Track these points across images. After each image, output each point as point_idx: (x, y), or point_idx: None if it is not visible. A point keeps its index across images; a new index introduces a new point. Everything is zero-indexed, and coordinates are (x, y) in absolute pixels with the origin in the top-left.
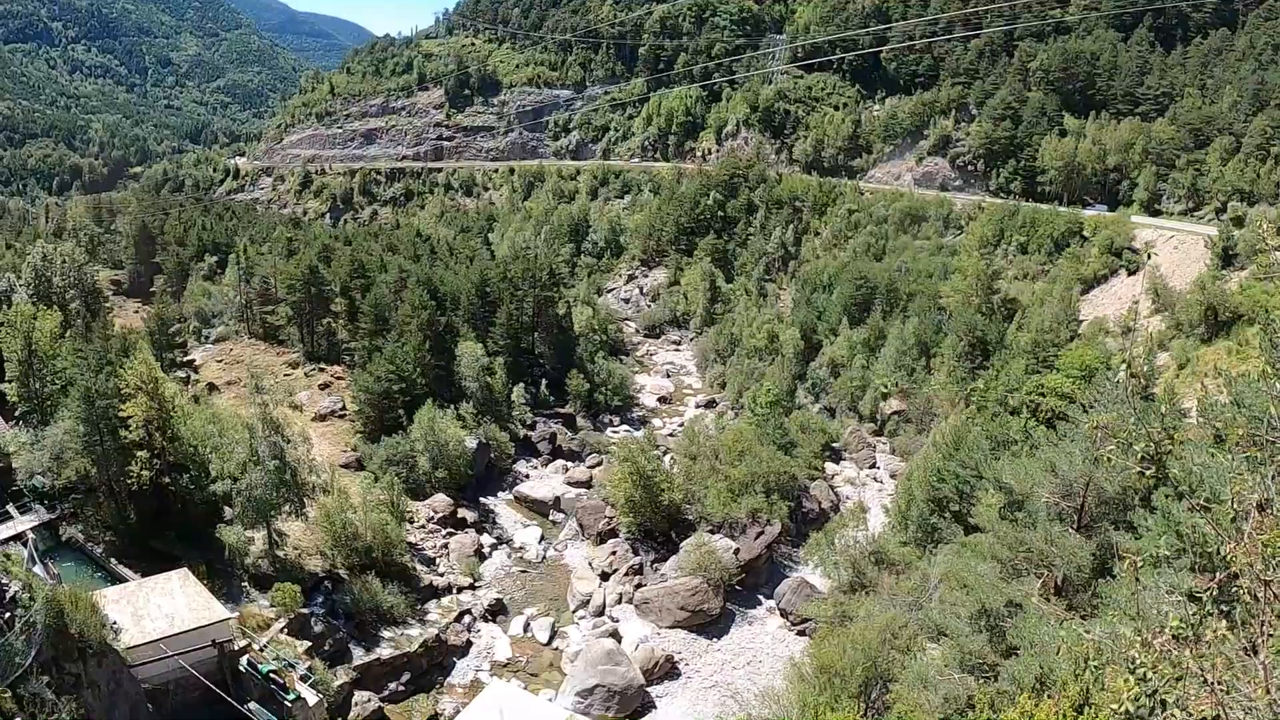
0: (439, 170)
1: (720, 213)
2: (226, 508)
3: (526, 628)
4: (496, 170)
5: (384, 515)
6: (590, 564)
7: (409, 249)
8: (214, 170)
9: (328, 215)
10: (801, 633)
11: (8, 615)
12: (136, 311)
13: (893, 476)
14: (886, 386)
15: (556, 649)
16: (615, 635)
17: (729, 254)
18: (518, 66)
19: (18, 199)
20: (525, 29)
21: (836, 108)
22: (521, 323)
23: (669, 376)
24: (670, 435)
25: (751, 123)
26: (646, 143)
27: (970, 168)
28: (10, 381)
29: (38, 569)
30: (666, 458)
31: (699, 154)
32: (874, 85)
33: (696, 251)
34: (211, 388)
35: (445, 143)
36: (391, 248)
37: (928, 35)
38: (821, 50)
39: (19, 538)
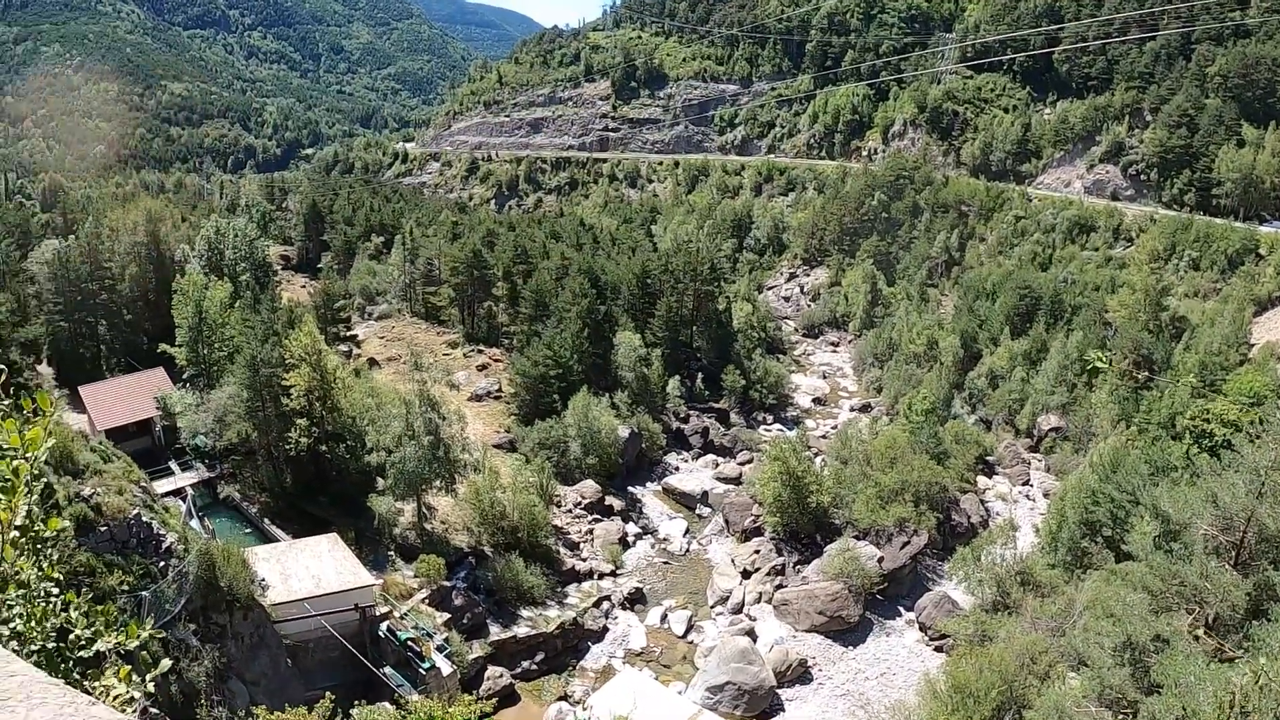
0: (604, 161)
1: (884, 214)
2: (379, 479)
3: (663, 619)
4: (661, 163)
5: (532, 497)
6: (733, 561)
7: (572, 237)
8: (383, 154)
9: (493, 201)
10: (939, 649)
11: (162, 564)
12: (304, 286)
13: (1045, 495)
14: (1045, 401)
15: (691, 643)
16: (751, 634)
17: (891, 256)
18: (684, 60)
19: (194, 176)
20: (692, 23)
21: (1006, 110)
22: (681, 316)
23: (825, 378)
24: (823, 437)
25: (919, 123)
26: (812, 140)
27: (1143, 177)
28: (180, 346)
29: (194, 523)
30: (817, 460)
31: (864, 153)
32: (1045, 87)
33: (859, 253)
34: (372, 363)
35: (611, 134)
36: (555, 235)
37: (1101, 36)
38: (991, 50)
39: (179, 493)
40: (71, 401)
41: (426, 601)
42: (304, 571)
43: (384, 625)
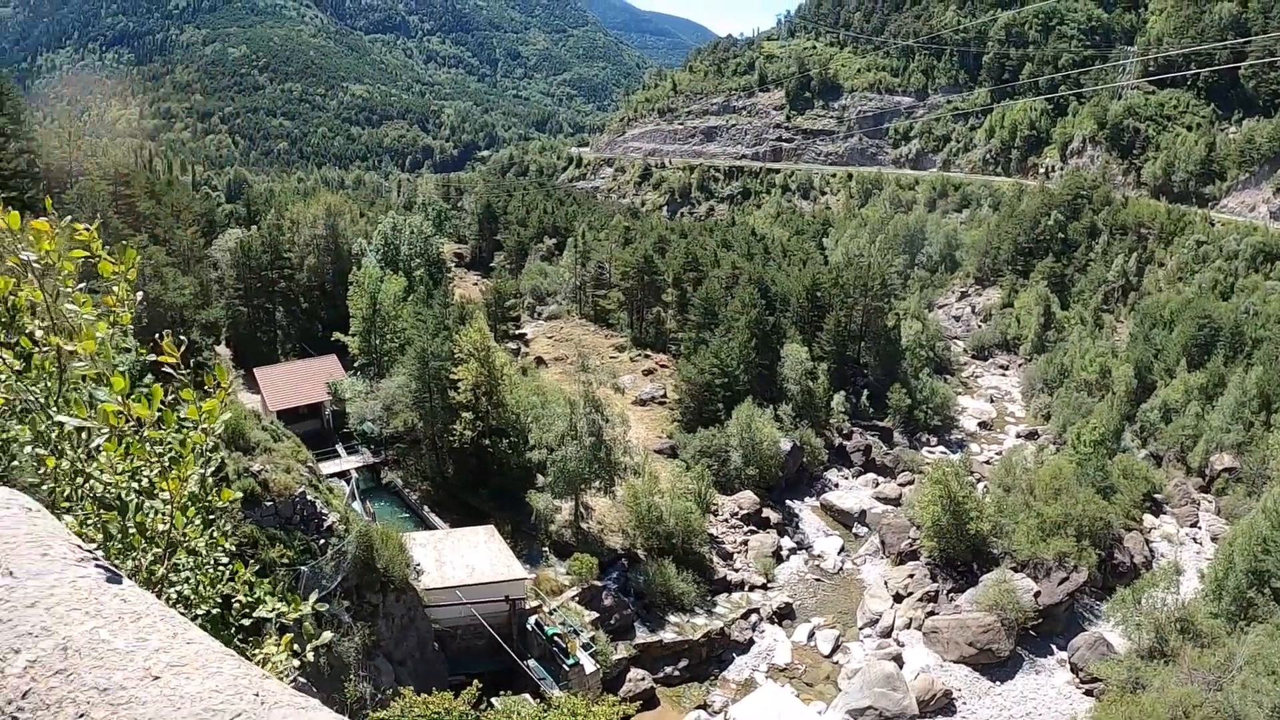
0: (777, 171)
1: (1060, 234)
2: (540, 475)
3: (810, 636)
4: (834, 175)
5: (689, 504)
6: (885, 583)
7: (743, 247)
8: (557, 158)
9: (665, 208)
10: (1089, 692)
11: (322, 542)
12: (476, 284)
13: (1214, 539)
14: (1219, 439)
15: (836, 663)
16: (897, 660)
17: (1066, 279)
18: (859, 71)
19: (373, 174)
20: (867, 33)
21: (1189, 128)
22: (849, 330)
23: (992, 401)
24: (986, 463)
25: (1098, 140)
26: (988, 156)
27: None
28: (353, 335)
29: (356, 505)
30: (979, 486)
31: (1041, 170)
32: (1230, 104)
33: (1033, 274)
34: (540, 362)
35: (784, 144)
36: (726, 244)
37: None
38: (1175, 64)
39: (344, 475)
40: (246, 383)
41: (576, 599)
42: (459, 560)
43: (533, 619)
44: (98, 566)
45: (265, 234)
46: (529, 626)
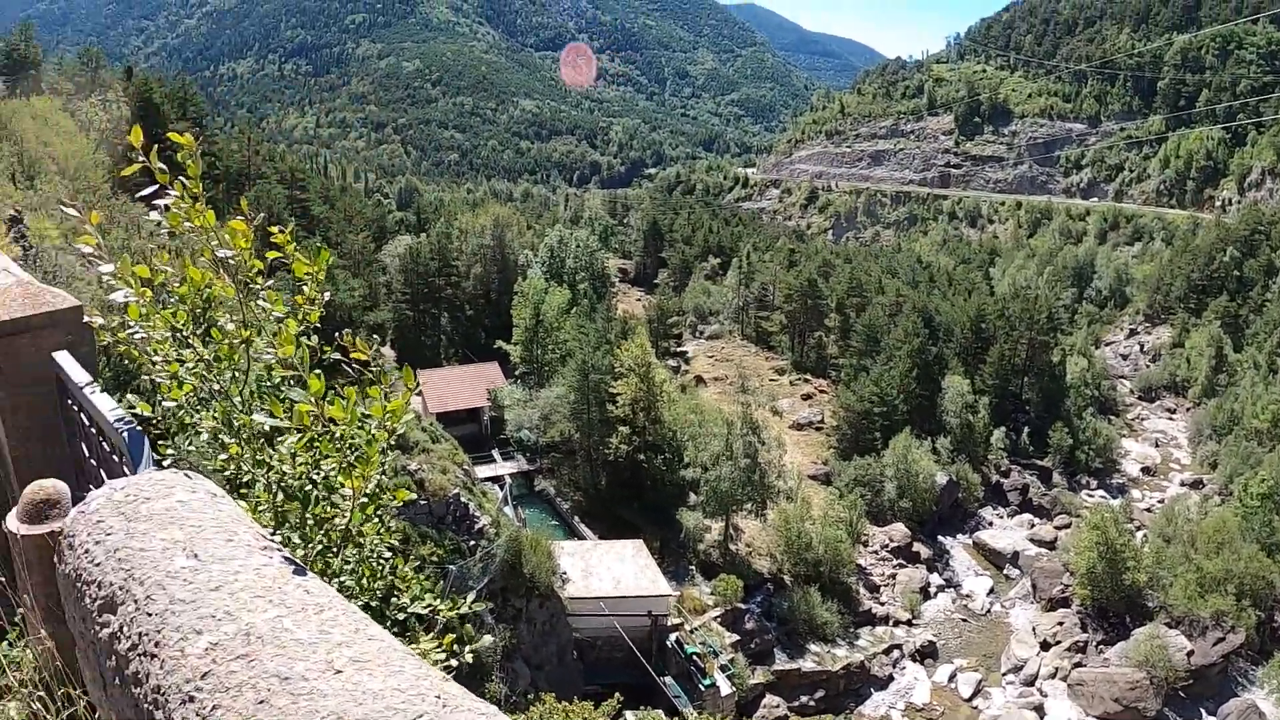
0: (944, 197)
1: (1236, 272)
2: (692, 494)
3: (952, 678)
4: (1003, 203)
5: (840, 533)
6: (1033, 629)
7: (908, 274)
8: (724, 178)
9: (830, 232)
10: None
11: (472, 544)
12: (639, 300)
13: None
14: None
15: (975, 708)
16: (1039, 710)
17: (1241, 319)
18: (1029, 96)
19: (541, 187)
20: (1038, 57)
21: None
22: (1013, 365)
23: (1157, 446)
24: (1147, 510)
25: (1278, 172)
26: (1162, 186)
27: None
28: (516, 344)
29: (508, 510)
30: (1139, 534)
31: (1218, 203)
32: None
33: (1205, 313)
34: (699, 380)
35: (952, 170)
36: (891, 271)
37: None
38: None
39: (498, 480)
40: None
41: (718, 620)
42: (605, 572)
43: (673, 636)
44: (281, 556)
45: (434, 242)
46: (669, 644)
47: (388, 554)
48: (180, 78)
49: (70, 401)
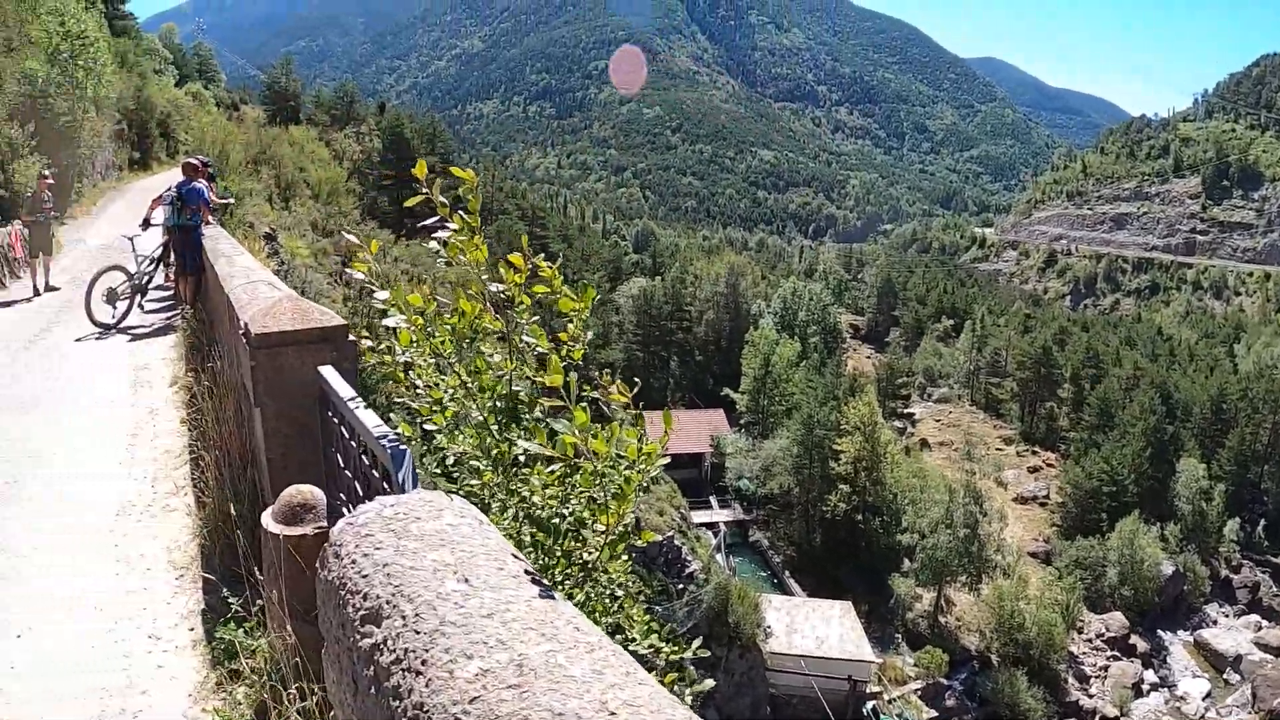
0: (1188, 266)
1: None
2: (906, 559)
3: None
4: (1250, 274)
5: (1054, 616)
6: None
7: (1147, 346)
8: (960, 237)
9: (1068, 298)
10: None
11: (681, 587)
12: (868, 357)
13: None
14: None
15: None
16: None
17: None
18: None
19: (776, 238)
20: None
21: None
22: (1254, 450)
23: None
24: None
25: None
26: None
27: None
28: (743, 393)
29: (719, 557)
30: None
31: None
32: None
33: None
34: (924, 444)
35: (1198, 236)
36: (1129, 342)
37: None
38: None
39: (713, 526)
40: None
41: (919, 693)
42: (810, 630)
43: (870, 704)
44: (550, 591)
45: (668, 285)
46: (865, 711)
47: (619, 592)
48: (429, 115)
49: (330, 414)
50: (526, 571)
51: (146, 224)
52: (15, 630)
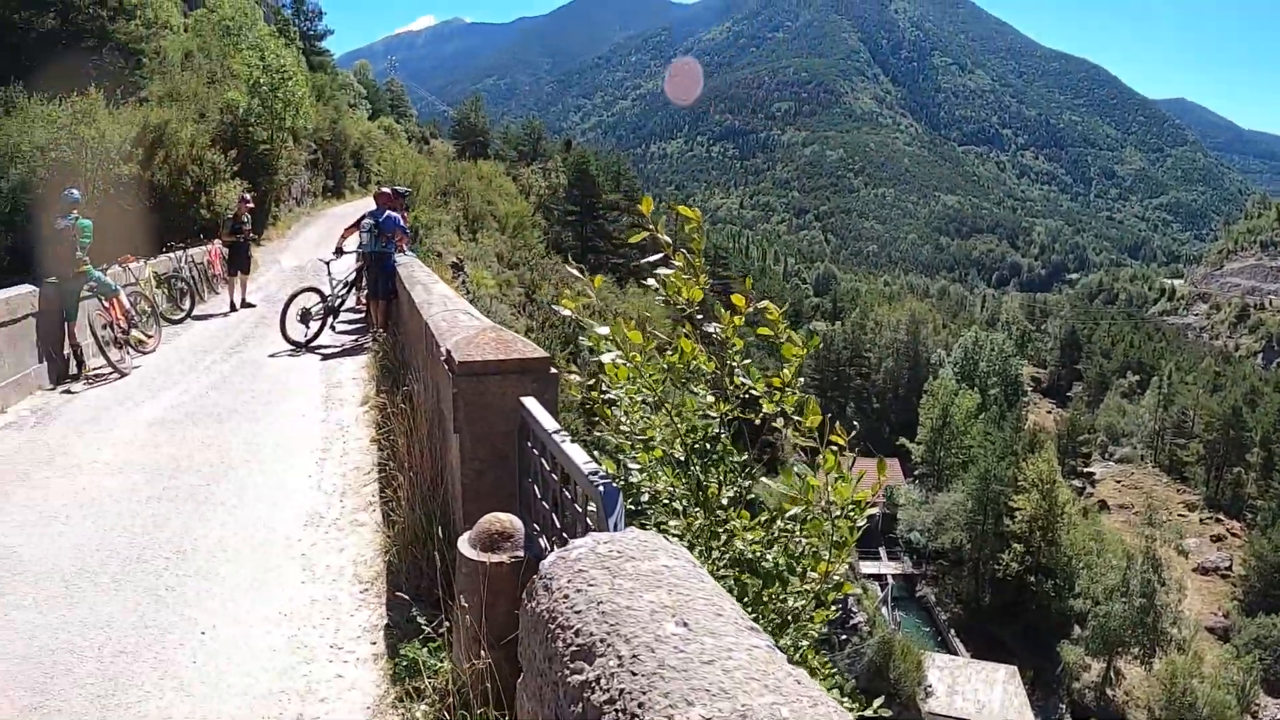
0: None
1: None
2: (1077, 626)
3: None
4: None
5: (1229, 698)
6: None
7: None
8: (1148, 288)
9: (1260, 355)
10: None
11: (844, 638)
12: (1049, 412)
13: None
14: None
15: None
16: None
17: None
18: None
19: (958, 285)
20: None
21: None
22: None
23: None
24: None
25: None
26: None
27: None
28: (919, 444)
29: (885, 610)
30: None
31: None
32: None
33: None
34: (1103, 505)
35: None
36: None
37: None
38: None
39: (880, 578)
40: None
41: None
42: (972, 693)
43: None
44: (766, 639)
45: (848, 331)
46: None
47: (803, 641)
48: (614, 153)
49: (529, 444)
50: (743, 619)
51: (339, 252)
52: (200, 628)
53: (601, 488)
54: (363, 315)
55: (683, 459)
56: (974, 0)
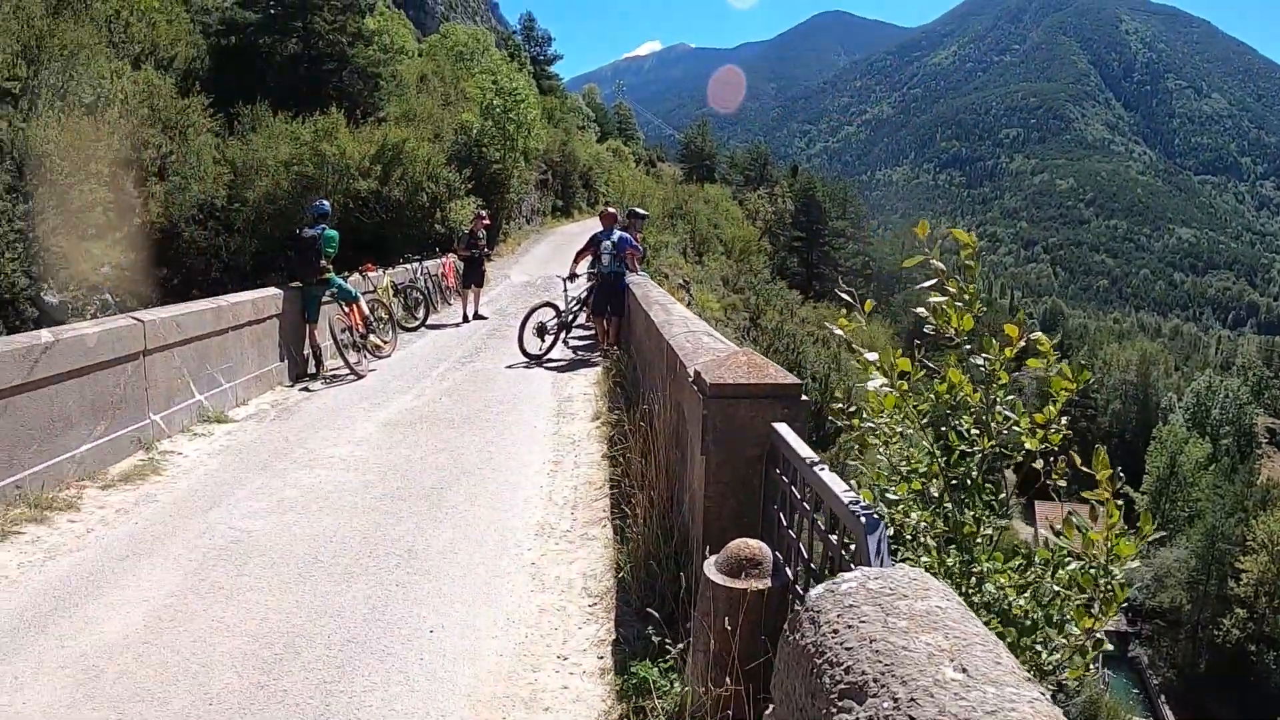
0: None
1: None
2: None
3: None
4: None
5: None
6: None
7: None
8: None
9: None
10: None
11: (1053, 691)
12: None
13: None
14: None
15: None
16: None
17: None
18: None
19: (1191, 325)
20: None
21: None
22: None
23: None
24: None
25: None
26: None
27: None
28: (1144, 494)
29: (1094, 667)
30: None
31: None
32: None
33: None
34: None
35: None
36: None
37: None
38: None
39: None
40: (1025, 515)
41: None
42: None
43: None
44: (1044, 692)
45: (1074, 371)
46: None
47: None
48: (839, 179)
49: (778, 470)
50: (1019, 668)
51: (573, 277)
52: (429, 626)
53: (865, 520)
54: (592, 332)
55: (938, 494)
56: (1210, 20)
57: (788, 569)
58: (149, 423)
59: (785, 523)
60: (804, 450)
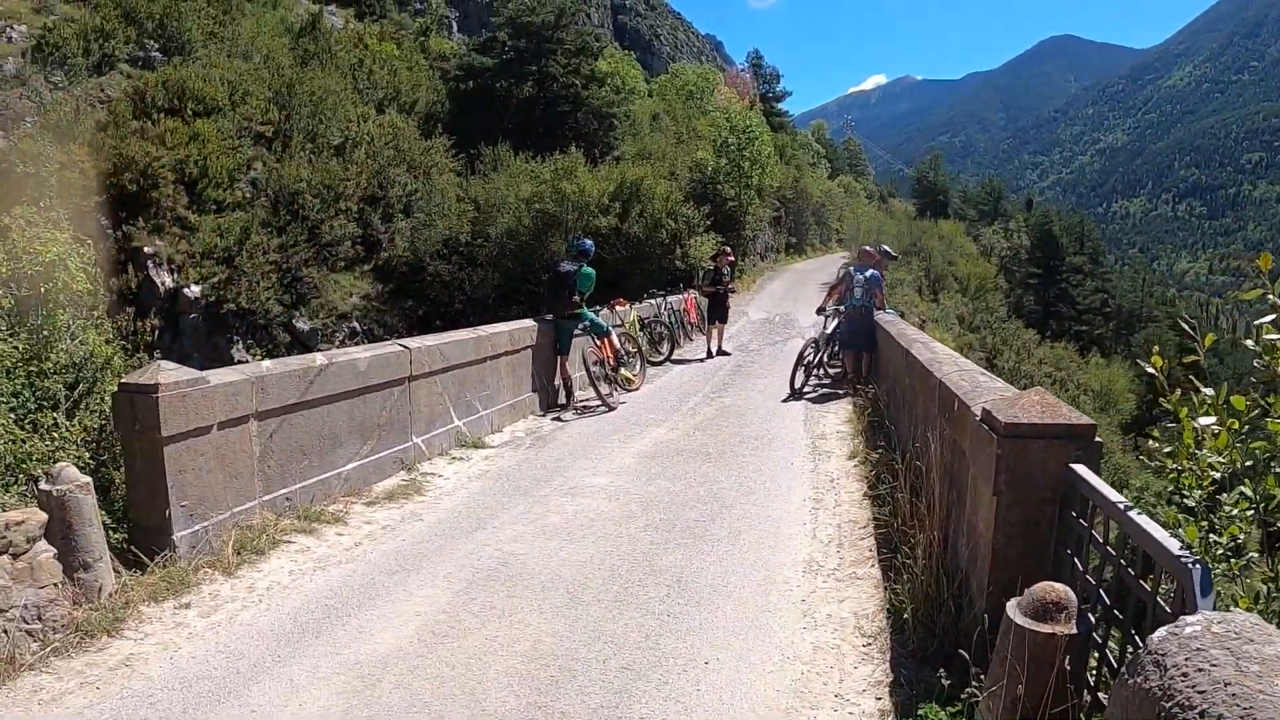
0: None
1: None
2: None
3: None
4: None
5: None
6: None
7: None
8: None
9: None
10: None
11: None
12: None
13: None
14: None
15: None
16: None
17: None
18: None
19: None
20: None
21: None
22: None
23: None
24: None
25: None
26: None
27: None
28: None
29: None
30: None
31: None
32: None
33: None
34: None
35: None
36: None
37: None
38: None
39: None
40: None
41: None
42: None
43: None
44: None
45: None
46: None
47: None
48: (1076, 213)
49: (1073, 513)
50: None
51: (822, 310)
52: (704, 657)
53: (1192, 565)
54: (838, 368)
55: (1257, 545)
56: None
57: (1090, 615)
58: (411, 445)
59: (1082, 566)
60: (1111, 494)
